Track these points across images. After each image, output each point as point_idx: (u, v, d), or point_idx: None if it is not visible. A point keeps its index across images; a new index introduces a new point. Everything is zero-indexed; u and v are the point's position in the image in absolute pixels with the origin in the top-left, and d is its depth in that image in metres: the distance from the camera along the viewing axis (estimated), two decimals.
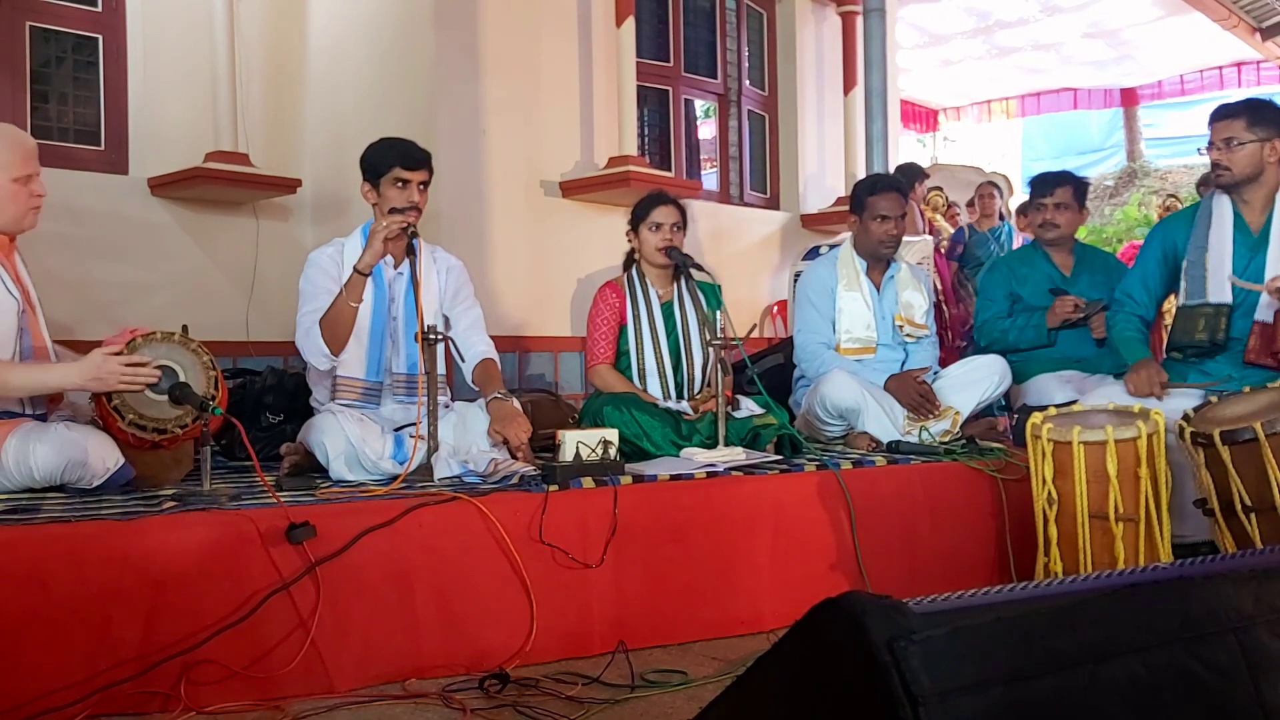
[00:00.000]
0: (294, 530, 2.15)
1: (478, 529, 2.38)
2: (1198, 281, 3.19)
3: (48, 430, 2.47)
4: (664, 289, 3.64)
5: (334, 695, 2.15)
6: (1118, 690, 0.99)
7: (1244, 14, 9.27)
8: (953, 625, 0.94)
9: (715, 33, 6.01)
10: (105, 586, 2.00)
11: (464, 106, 4.58)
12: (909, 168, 6.37)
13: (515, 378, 4.65)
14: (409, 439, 2.81)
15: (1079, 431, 2.71)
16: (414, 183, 3.00)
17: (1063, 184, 3.90)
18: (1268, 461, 2.55)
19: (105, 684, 1.96)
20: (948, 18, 9.20)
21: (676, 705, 2.12)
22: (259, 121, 4.90)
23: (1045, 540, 2.82)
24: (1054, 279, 3.92)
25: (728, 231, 5.79)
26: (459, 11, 4.59)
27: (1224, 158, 3.13)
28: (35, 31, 4.55)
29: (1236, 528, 2.65)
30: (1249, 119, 3.10)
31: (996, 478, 3.18)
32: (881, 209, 3.73)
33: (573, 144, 5.03)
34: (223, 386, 2.66)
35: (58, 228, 4.06)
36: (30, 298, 2.70)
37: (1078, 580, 1.16)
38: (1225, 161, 3.13)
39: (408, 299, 3.06)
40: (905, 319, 3.79)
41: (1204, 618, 1.06)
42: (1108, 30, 9.73)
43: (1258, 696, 1.05)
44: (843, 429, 3.58)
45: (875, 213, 3.73)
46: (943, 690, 0.90)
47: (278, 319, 4.70)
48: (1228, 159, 3.12)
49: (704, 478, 2.81)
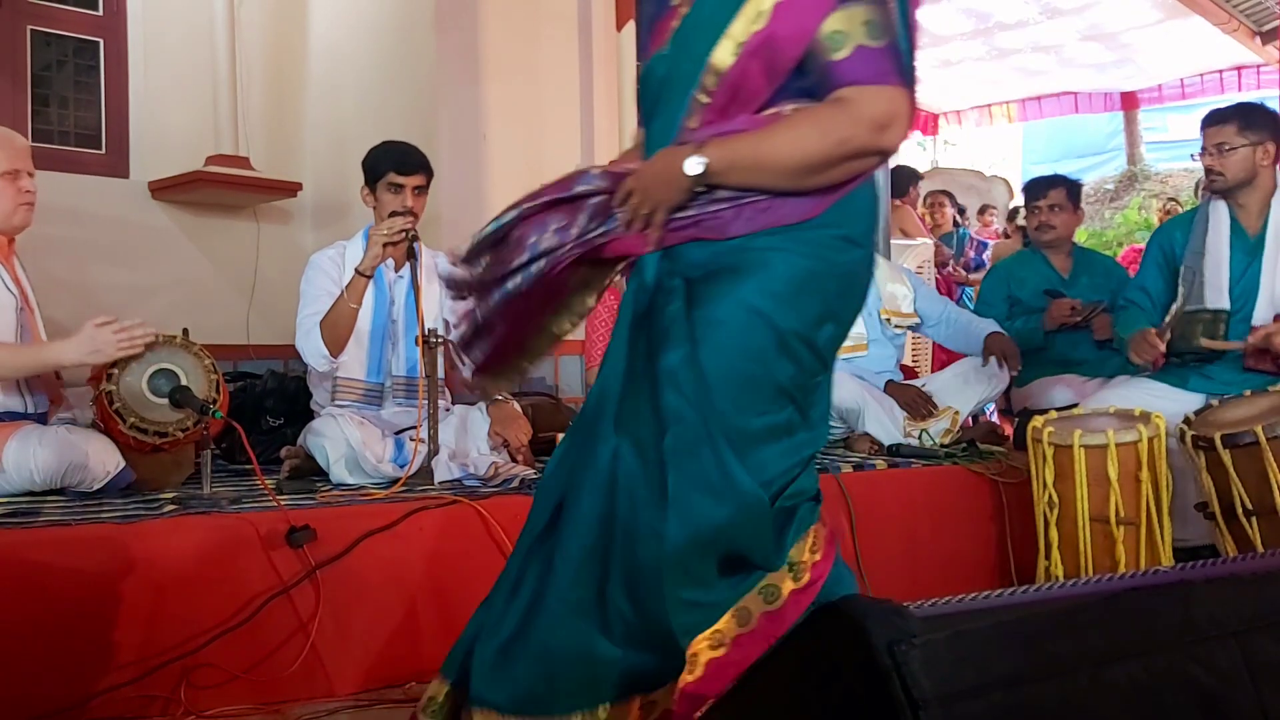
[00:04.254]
0: (294, 533, 2.15)
1: (478, 532, 2.38)
2: (1196, 287, 3.20)
3: (48, 433, 2.47)
4: None
5: (334, 699, 2.15)
6: (1118, 694, 0.99)
7: (1244, 18, 9.27)
8: (954, 629, 0.94)
9: None
10: (105, 590, 1.99)
11: (465, 110, 4.58)
12: (903, 171, 6.37)
13: None
14: (409, 442, 2.81)
15: (1080, 435, 2.71)
16: (408, 187, 3.00)
17: (1055, 186, 3.93)
18: (1269, 465, 2.55)
19: (105, 688, 1.96)
20: (947, 19, 9.20)
21: None
22: (260, 125, 4.90)
23: (1046, 544, 2.82)
24: (1052, 282, 3.93)
25: None
26: (460, 15, 4.59)
27: (1217, 163, 3.13)
28: (36, 35, 4.55)
29: (1237, 531, 2.65)
30: (1240, 123, 3.10)
31: (997, 481, 3.18)
32: None
33: (573, 148, 5.03)
34: (223, 390, 2.66)
35: (59, 231, 4.06)
36: (29, 299, 2.71)
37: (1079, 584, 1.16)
38: (1218, 167, 3.14)
39: (408, 302, 3.06)
40: (891, 310, 3.81)
41: (1205, 622, 1.05)
42: (1107, 33, 9.73)
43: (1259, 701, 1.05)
44: (843, 431, 3.58)
45: None
46: (943, 694, 0.89)
47: (278, 322, 4.70)
48: (1220, 164, 3.13)
49: None
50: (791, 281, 1.45)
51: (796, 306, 1.45)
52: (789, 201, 1.45)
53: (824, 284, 1.47)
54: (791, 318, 1.45)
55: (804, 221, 1.45)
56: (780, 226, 1.45)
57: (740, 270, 1.45)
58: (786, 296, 1.44)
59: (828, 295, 1.48)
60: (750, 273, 1.44)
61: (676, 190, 1.46)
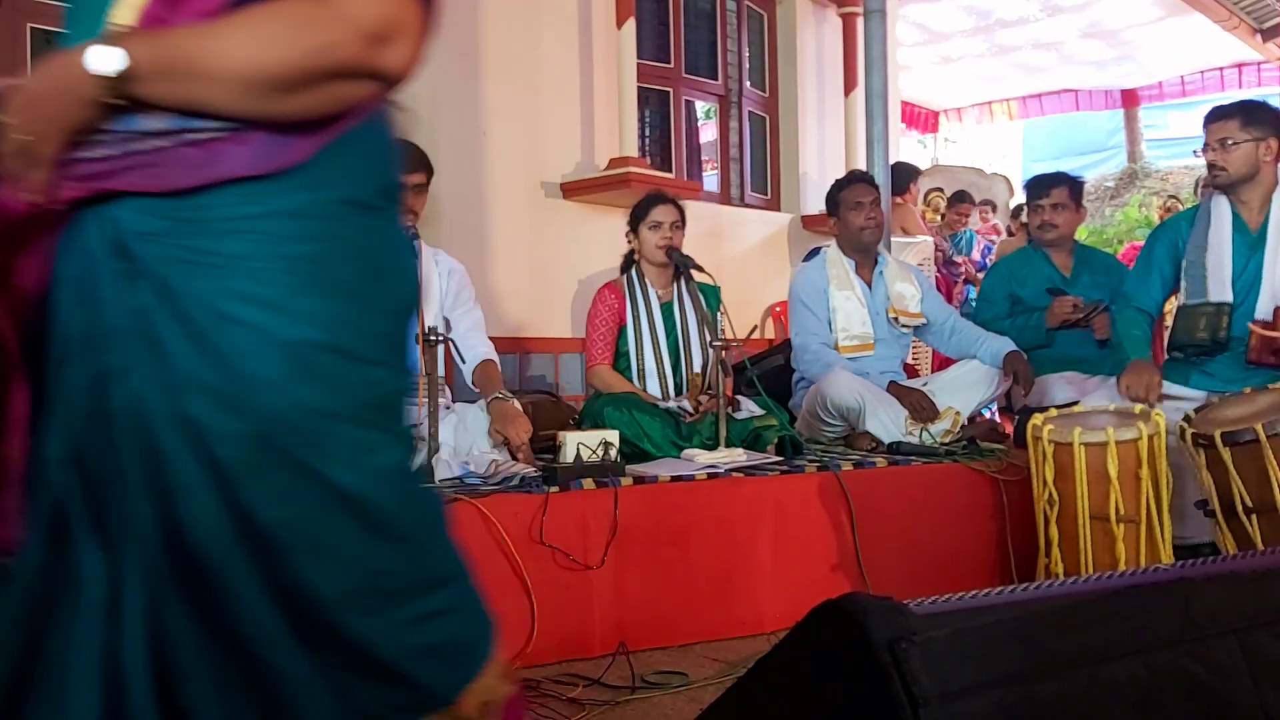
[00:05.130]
0: None
1: (478, 530, 2.38)
2: (1198, 281, 3.21)
3: None
4: (663, 290, 3.64)
5: None
6: (1119, 692, 0.99)
7: (1245, 15, 9.27)
8: (954, 627, 0.94)
9: (716, 34, 6.02)
10: None
11: (464, 108, 4.58)
12: (902, 168, 6.38)
13: (516, 379, 4.65)
14: None
15: (1080, 433, 2.71)
16: (408, 186, 3.00)
17: (1058, 184, 3.93)
18: (1269, 462, 2.55)
19: None
20: (948, 16, 9.20)
21: (677, 707, 2.12)
22: None
23: (1046, 541, 2.82)
24: (1054, 280, 3.93)
25: (728, 233, 5.80)
26: (459, 13, 4.59)
27: (1220, 158, 3.15)
28: (36, 33, 4.55)
29: (1237, 529, 2.65)
30: (1243, 119, 3.13)
31: (997, 479, 3.18)
32: (855, 198, 3.80)
33: (573, 145, 5.03)
34: None
35: None
36: None
37: (1079, 581, 1.16)
38: (1221, 162, 3.15)
39: None
40: (899, 310, 3.82)
41: (1205, 619, 1.06)
42: (1108, 31, 9.73)
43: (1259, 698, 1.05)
44: (843, 430, 3.58)
45: (849, 204, 3.81)
46: (943, 692, 0.90)
47: None
48: (1224, 159, 3.15)
49: (705, 479, 2.81)
50: (287, 277, 1.02)
51: (302, 311, 1.02)
52: (256, 140, 1.01)
53: (335, 272, 1.05)
54: (301, 326, 1.02)
55: (283, 174, 1.02)
56: (250, 181, 1.01)
57: (206, 261, 1.00)
58: (283, 300, 1.02)
59: (347, 285, 1.06)
60: (224, 267, 1.00)
61: (77, 105, 0.97)
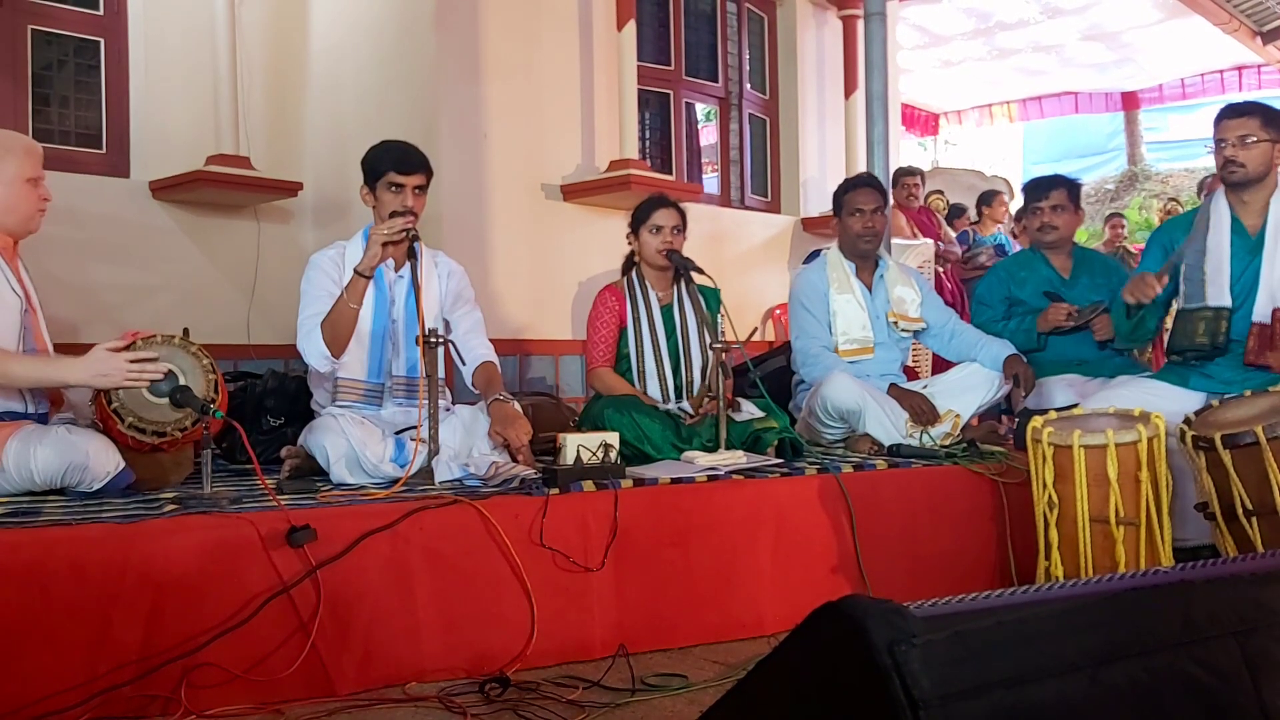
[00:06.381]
0: (294, 533, 2.15)
1: (478, 532, 2.38)
2: (1196, 285, 3.20)
3: (48, 433, 2.47)
4: (664, 292, 3.64)
5: (334, 699, 2.14)
6: (1119, 694, 0.99)
7: (1244, 18, 9.28)
8: (954, 629, 0.94)
9: (716, 36, 6.02)
10: (105, 590, 1.99)
11: (465, 110, 4.58)
12: (903, 171, 6.38)
13: (516, 381, 4.65)
14: (410, 442, 2.81)
15: (1079, 435, 2.71)
16: (408, 187, 2.99)
17: (1056, 187, 3.94)
18: (1269, 465, 2.55)
19: (105, 687, 1.96)
20: (948, 19, 9.21)
21: (677, 709, 2.11)
22: (260, 125, 4.90)
23: (1046, 544, 2.82)
24: (1053, 282, 3.93)
25: (729, 235, 5.80)
26: (460, 15, 4.59)
27: (1239, 154, 3.13)
28: (37, 35, 4.55)
29: (1237, 531, 2.65)
30: (1263, 118, 3.13)
31: (997, 481, 3.18)
32: (856, 204, 3.81)
33: (574, 147, 5.03)
34: (223, 389, 2.66)
35: (59, 231, 4.06)
36: (32, 301, 2.71)
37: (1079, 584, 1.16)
38: (1240, 158, 3.13)
39: (408, 302, 3.06)
40: (899, 314, 3.83)
41: (1205, 622, 1.05)
42: (1108, 33, 9.75)
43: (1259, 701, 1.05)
44: (843, 431, 3.58)
45: (851, 208, 3.81)
46: (943, 694, 0.89)
47: (279, 322, 4.70)
48: (1243, 155, 3.13)
49: (705, 481, 2.81)
50: None
51: None
52: None
53: None
54: None
55: None
56: None
57: None
58: None
59: None
60: None
61: None
